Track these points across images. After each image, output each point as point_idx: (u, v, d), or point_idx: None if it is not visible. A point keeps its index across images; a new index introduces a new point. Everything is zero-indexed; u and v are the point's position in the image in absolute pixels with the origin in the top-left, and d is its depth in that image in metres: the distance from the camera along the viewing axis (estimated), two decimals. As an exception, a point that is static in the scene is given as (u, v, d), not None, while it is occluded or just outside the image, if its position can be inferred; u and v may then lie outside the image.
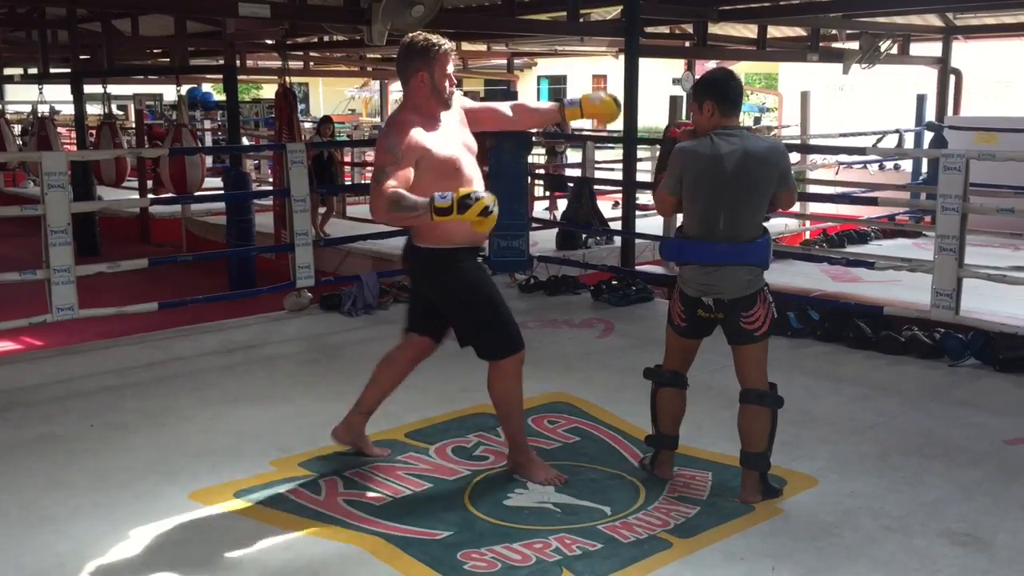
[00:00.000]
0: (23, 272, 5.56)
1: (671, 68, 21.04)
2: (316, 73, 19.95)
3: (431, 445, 4.20)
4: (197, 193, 10.66)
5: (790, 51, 12.54)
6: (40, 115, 13.44)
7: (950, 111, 12.83)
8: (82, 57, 13.28)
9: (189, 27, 11.89)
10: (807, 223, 10.17)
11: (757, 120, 25.82)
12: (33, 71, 15.40)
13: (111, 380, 5.27)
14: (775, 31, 12.24)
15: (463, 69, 17.33)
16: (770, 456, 3.67)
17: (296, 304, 6.81)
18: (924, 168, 11.56)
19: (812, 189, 10.50)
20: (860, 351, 5.67)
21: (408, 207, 3.39)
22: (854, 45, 11.70)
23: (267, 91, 28.23)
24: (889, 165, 13.27)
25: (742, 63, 25.38)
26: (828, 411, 4.64)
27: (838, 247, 9.41)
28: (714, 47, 11.58)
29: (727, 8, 9.83)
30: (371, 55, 16.78)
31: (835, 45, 12.02)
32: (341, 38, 11.95)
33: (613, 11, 10.93)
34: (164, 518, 3.51)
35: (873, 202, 7.60)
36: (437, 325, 3.87)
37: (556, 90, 33.00)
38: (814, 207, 10.29)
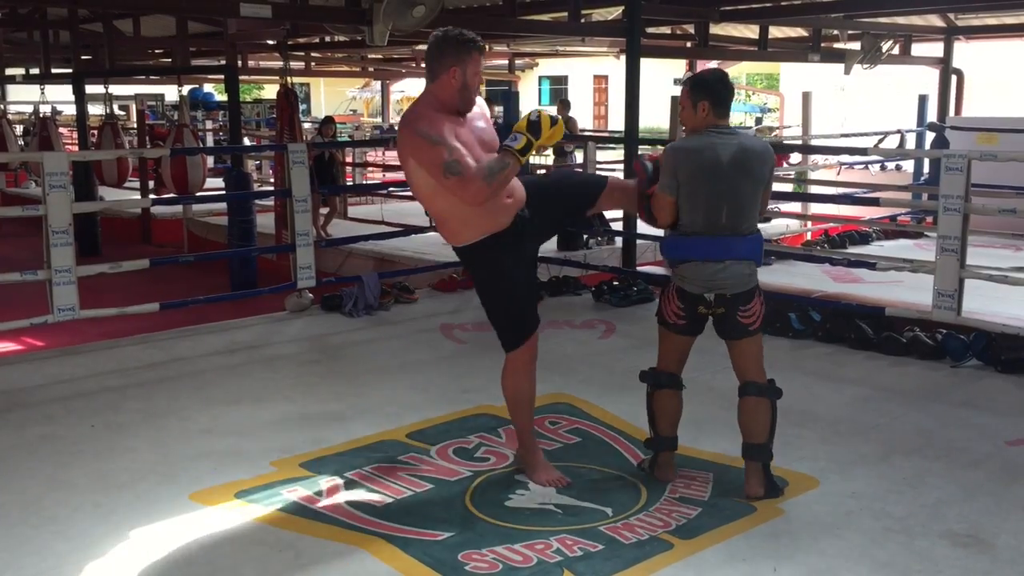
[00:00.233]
0: (24, 272, 5.55)
1: (672, 68, 21.06)
2: (317, 73, 19.97)
3: (432, 446, 4.20)
4: (198, 193, 10.66)
5: (791, 51, 12.53)
6: (42, 115, 13.43)
7: (952, 111, 12.83)
8: (84, 57, 13.30)
9: (190, 27, 11.89)
10: (808, 224, 10.16)
11: (759, 120, 25.80)
12: (35, 71, 15.42)
13: (112, 381, 5.27)
14: (776, 31, 12.24)
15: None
16: (771, 448, 3.67)
17: (297, 305, 6.81)
18: (926, 169, 11.55)
19: (814, 190, 10.49)
20: (861, 352, 5.66)
21: (500, 169, 3.37)
22: (855, 45, 11.70)
23: (268, 91, 28.24)
24: (891, 165, 13.25)
25: (743, 63, 25.45)
26: (829, 412, 4.64)
27: (839, 248, 9.39)
28: (715, 47, 11.58)
29: (728, 8, 9.82)
30: (372, 56, 16.79)
31: (836, 45, 12.01)
32: (342, 38, 11.97)
33: (614, 11, 10.93)
34: (165, 519, 3.51)
35: (875, 203, 7.59)
36: (570, 204, 3.95)
37: (557, 90, 32.98)
38: (815, 208, 10.28)
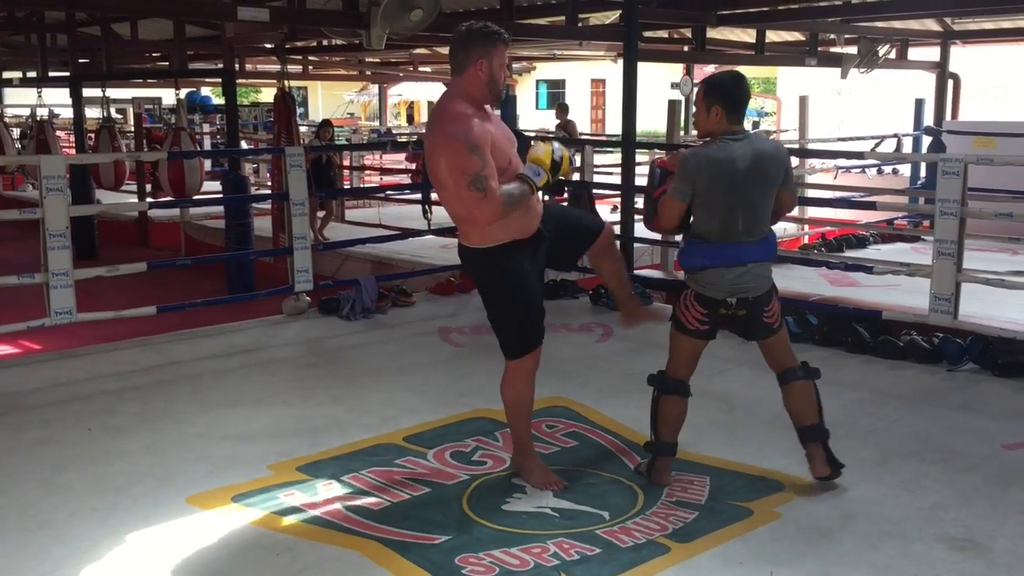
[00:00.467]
0: (21, 276, 5.55)
1: (670, 72, 21.07)
2: (315, 77, 20.00)
3: (429, 449, 4.20)
4: (196, 197, 10.66)
5: (788, 55, 12.57)
6: (39, 119, 13.42)
7: (948, 115, 12.85)
8: (81, 61, 13.30)
9: (188, 31, 11.90)
10: (806, 227, 10.17)
11: (756, 124, 25.86)
12: (32, 75, 15.43)
13: (109, 384, 5.26)
14: (773, 35, 12.27)
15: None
16: (825, 425, 3.76)
17: (294, 308, 6.80)
18: (923, 172, 11.56)
19: (811, 193, 10.50)
20: (858, 355, 5.67)
21: (519, 198, 3.44)
22: (852, 50, 11.72)
23: (266, 95, 28.26)
24: (887, 169, 13.27)
25: (740, 67, 25.49)
26: (826, 415, 4.60)
27: (837, 251, 9.41)
28: (712, 51, 11.60)
29: (726, 12, 9.83)
30: (370, 59, 16.80)
31: (833, 50, 12.03)
32: (340, 42, 11.98)
33: (612, 15, 10.94)
34: (161, 523, 3.50)
35: (871, 206, 7.61)
36: (573, 237, 3.89)
37: (555, 94, 33.02)
38: (813, 211, 10.29)
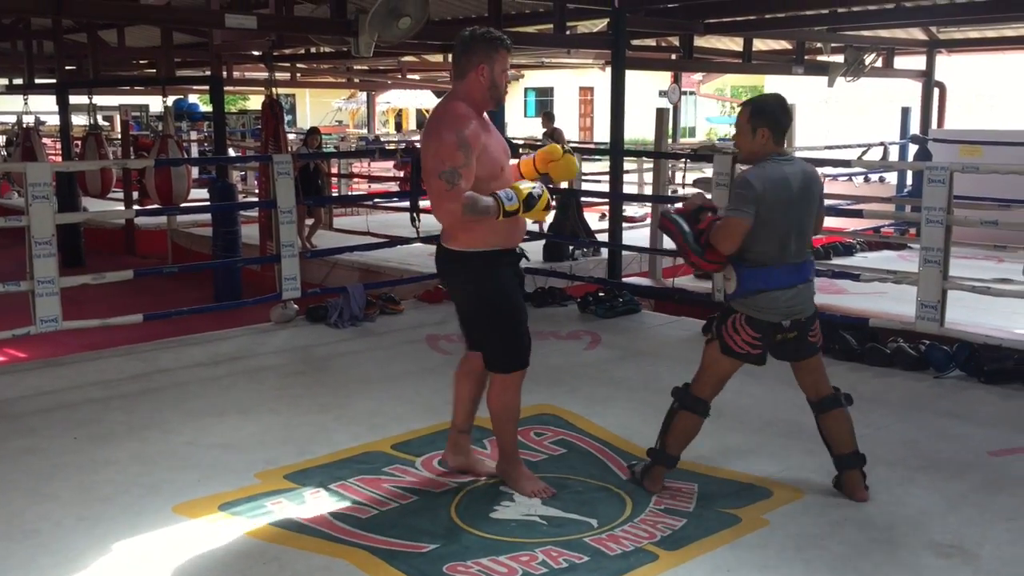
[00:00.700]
0: (7, 283, 5.52)
1: (658, 80, 21.15)
2: (303, 84, 19.97)
3: (418, 457, 4.19)
4: (183, 204, 10.63)
5: (775, 64, 12.63)
6: (25, 126, 13.37)
7: (934, 124, 12.94)
8: (67, 68, 13.24)
9: (175, 38, 11.86)
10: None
11: (743, 132, 25.88)
12: (18, 81, 15.33)
13: (95, 392, 5.23)
14: (761, 44, 12.32)
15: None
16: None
17: (282, 316, 6.79)
18: (909, 180, 11.63)
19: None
20: (846, 363, 5.68)
21: (481, 210, 3.42)
22: (839, 58, 11.79)
23: (254, 102, 28.23)
24: (874, 177, 13.35)
25: (728, 75, 25.61)
26: (813, 422, 4.63)
27: (824, 259, 9.44)
28: (700, 60, 11.65)
29: (713, 21, 9.88)
30: (358, 67, 16.79)
31: (820, 58, 12.10)
32: (328, 49, 11.98)
33: (600, 24, 10.97)
34: (148, 531, 3.48)
35: (858, 214, 7.64)
36: None
37: (543, 102, 33.09)
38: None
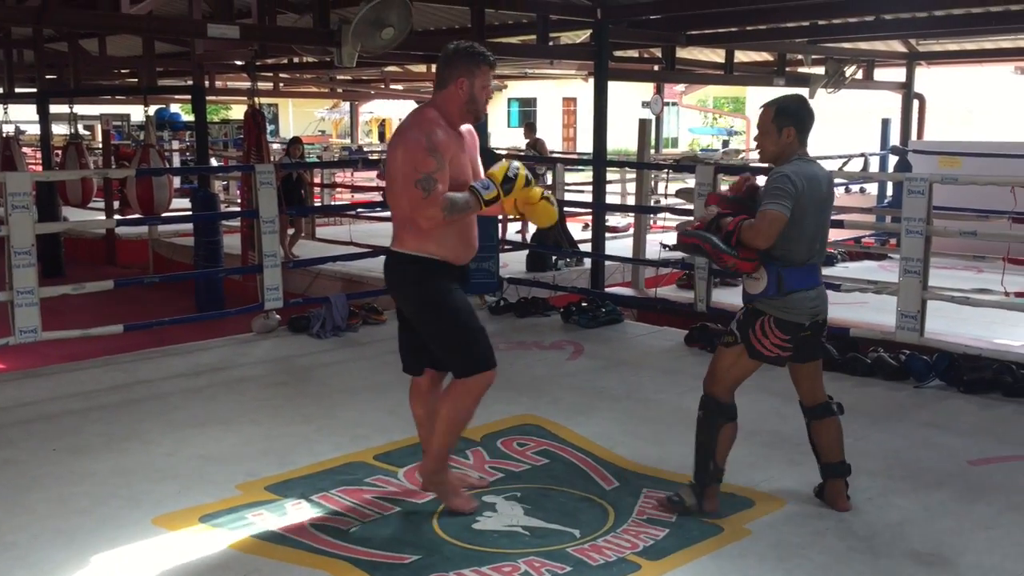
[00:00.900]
0: (-15, 294, 5.47)
1: (640, 91, 21.23)
2: (286, 94, 19.93)
3: (400, 468, 4.17)
4: (165, 214, 10.56)
5: (757, 75, 12.70)
6: (5, 135, 13.26)
7: (914, 135, 13.04)
8: (48, 77, 13.16)
9: (157, 47, 11.80)
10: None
11: (725, 143, 26.06)
12: (-2, 90, 15.23)
13: (74, 404, 5.19)
14: (742, 56, 12.40)
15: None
16: None
17: (264, 326, 6.76)
18: (889, 191, 11.72)
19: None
20: (827, 372, 5.56)
21: (461, 208, 3.42)
22: (820, 70, 11.88)
23: (236, 112, 28.15)
24: (855, 188, 13.44)
25: (710, 87, 25.75)
26: (796, 432, 4.64)
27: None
28: (682, 71, 11.70)
29: (695, 33, 9.93)
30: (341, 76, 16.77)
31: (801, 70, 12.18)
32: (311, 59, 11.97)
33: (582, 35, 11.01)
34: (127, 544, 3.45)
35: (839, 224, 7.66)
36: (431, 355, 3.71)
37: (526, 112, 33.18)
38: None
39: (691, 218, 6.93)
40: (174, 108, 21.53)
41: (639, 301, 8.12)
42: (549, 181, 12.08)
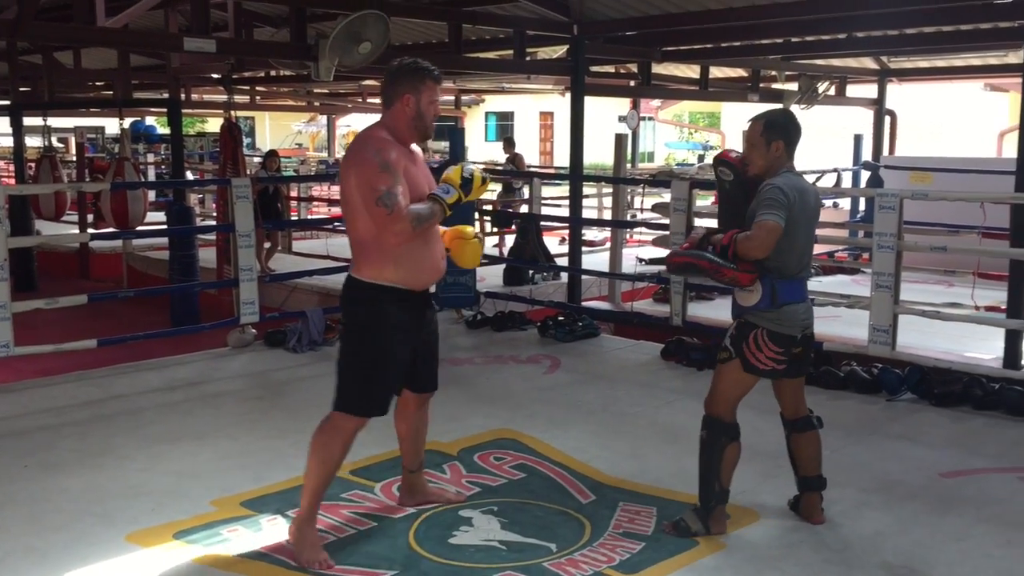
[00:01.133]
0: (-43, 308, 5.42)
1: (617, 106, 21.37)
2: (262, 107, 19.86)
3: (377, 483, 4.17)
4: (139, 228, 10.50)
5: (732, 91, 12.81)
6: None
7: (886, 151, 13.19)
8: (22, 89, 13.06)
9: (133, 60, 11.76)
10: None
11: (701, 158, 26.25)
12: (-29, 103, 15.10)
13: (47, 419, 5.14)
14: (717, 71, 12.51)
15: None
16: None
17: (240, 340, 6.73)
18: (862, 206, 11.84)
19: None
20: (801, 386, 5.75)
21: (428, 216, 3.34)
22: (793, 86, 12.01)
23: (212, 124, 28.05)
24: (828, 203, 13.56)
25: (685, 102, 25.95)
26: (770, 445, 4.68)
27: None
28: (658, 86, 11.79)
29: (670, 49, 10.02)
30: (318, 90, 16.76)
31: (775, 86, 12.31)
32: (288, 73, 11.96)
33: (559, 50, 11.08)
34: (100, 561, 3.43)
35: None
36: (411, 373, 3.65)
37: (503, 126, 33.27)
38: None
39: (667, 232, 6.98)
40: (149, 121, 21.40)
41: (615, 315, 8.16)
42: (526, 195, 12.13)
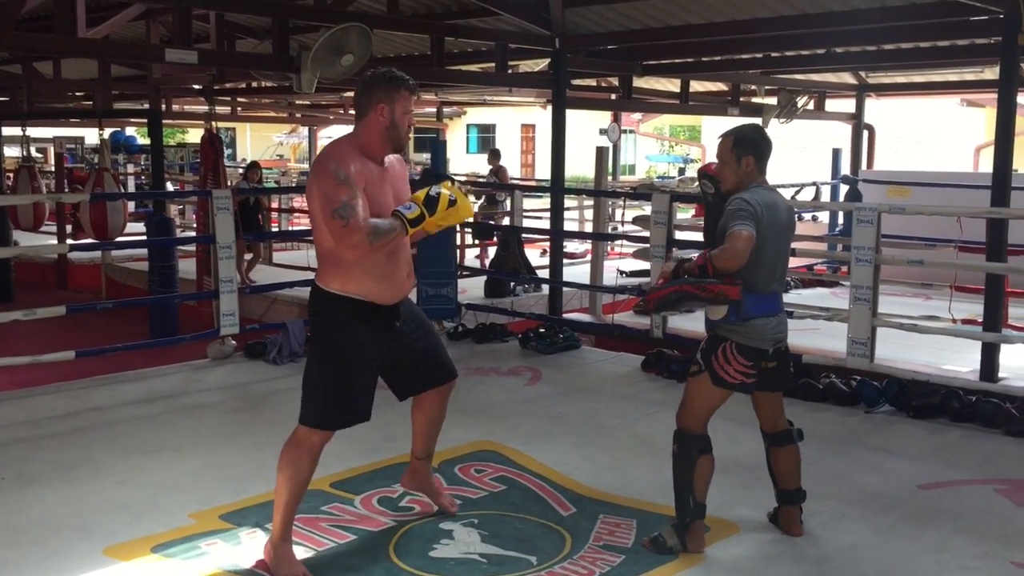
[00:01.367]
0: (-67, 319, 5.37)
1: (598, 119, 21.45)
2: (244, 118, 19.83)
3: (356, 495, 4.16)
4: (119, 239, 10.44)
5: (712, 105, 12.89)
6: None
7: (864, 165, 13.31)
8: (0, 99, 13.00)
9: (113, 70, 11.72)
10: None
11: (681, 171, 26.40)
12: (-51, 112, 14.98)
13: (24, 432, 5.10)
14: (697, 85, 12.60)
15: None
16: None
17: (220, 352, 6.70)
18: (841, 219, 11.93)
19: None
20: (780, 398, 5.78)
21: (386, 231, 3.26)
22: (773, 100, 12.11)
23: (193, 135, 27.92)
24: (808, 216, 13.66)
25: (666, 116, 26.09)
26: (750, 458, 4.71)
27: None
28: (639, 100, 11.85)
29: (651, 63, 10.08)
30: (300, 101, 16.72)
31: (755, 100, 12.40)
32: (269, 84, 11.94)
33: (541, 63, 11.13)
34: (77, 574, 3.40)
35: (792, 252, 7.81)
36: (413, 376, 3.66)
37: (485, 138, 33.32)
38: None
39: (648, 245, 7.01)
40: (129, 131, 21.31)
41: (596, 327, 8.17)
42: (508, 207, 12.15)
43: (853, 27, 7.41)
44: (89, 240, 10.82)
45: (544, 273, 9.43)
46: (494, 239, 10.46)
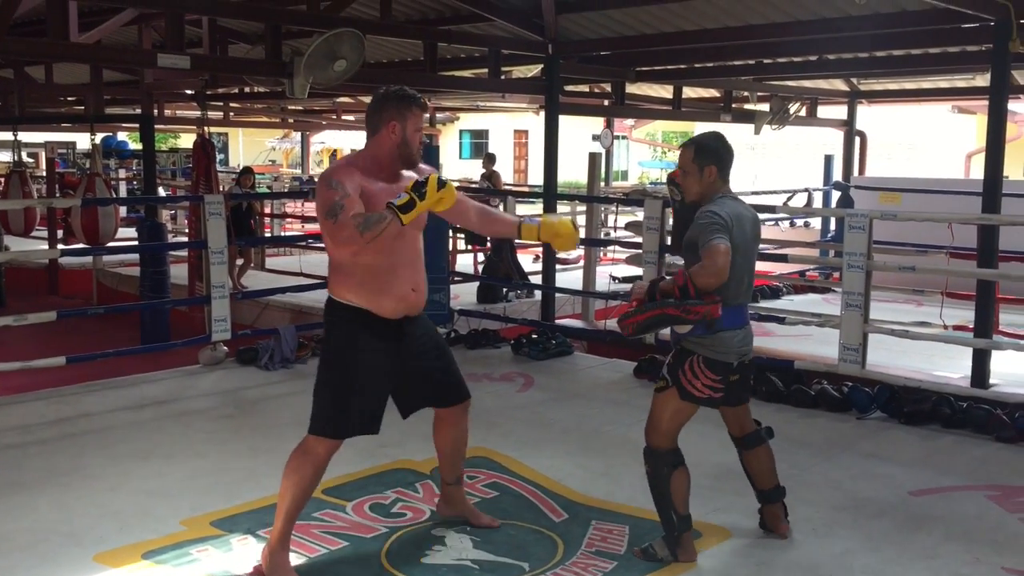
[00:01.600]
0: (-78, 325, 5.35)
1: (591, 125, 21.50)
2: (236, 123, 19.81)
3: (349, 502, 4.15)
4: (110, 244, 10.41)
5: (704, 111, 12.95)
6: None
7: (856, 171, 13.37)
8: (-8, 103, 12.96)
9: (106, 75, 11.72)
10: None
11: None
12: (-60, 117, 14.93)
13: (13, 438, 5.07)
14: (690, 92, 12.65)
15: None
16: None
17: (211, 358, 6.68)
18: (832, 226, 11.97)
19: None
20: (772, 404, 5.79)
21: (376, 222, 3.21)
22: (765, 107, 12.16)
23: (185, 140, 27.90)
24: (800, 222, 13.71)
25: (659, 122, 26.16)
26: (739, 465, 4.72)
27: (752, 302, 9.62)
28: (632, 106, 11.89)
29: (644, 69, 10.12)
30: (292, 107, 16.75)
31: (747, 106, 12.45)
32: (262, 89, 11.93)
33: (534, 69, 11.16)
34: (67, 582, 3.38)
35: (784, 259, 7.83)
36: (419, 394, 3.65)
37: (478, 144, 33.34)
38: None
39: (640, 251, 7.02)
40: (121, 136, 21.28)
41: (589, 333, 8.18)
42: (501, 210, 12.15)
43: (845, 34, 7.44)
44: (80, 245, 10.80)
45: (536, 279, 9.43)
46: (487, 244, 10.46)
